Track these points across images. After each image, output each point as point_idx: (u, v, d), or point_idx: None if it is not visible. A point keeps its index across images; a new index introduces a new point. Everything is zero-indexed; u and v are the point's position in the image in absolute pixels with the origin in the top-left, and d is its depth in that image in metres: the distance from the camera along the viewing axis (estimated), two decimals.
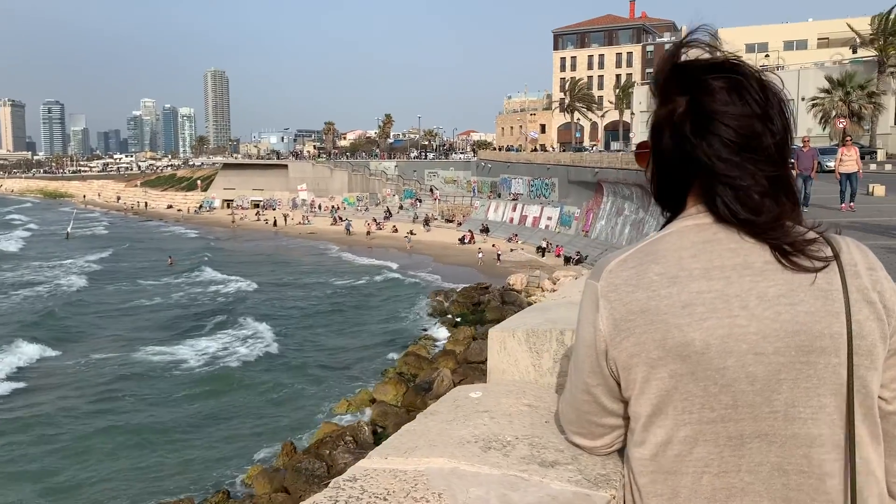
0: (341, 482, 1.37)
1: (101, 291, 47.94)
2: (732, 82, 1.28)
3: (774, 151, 1.28)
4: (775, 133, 1.28)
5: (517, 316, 2.34)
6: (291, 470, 17.25)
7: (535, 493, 1.31)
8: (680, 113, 1.32)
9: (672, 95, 1.33)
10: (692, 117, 1.30)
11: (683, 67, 1.33)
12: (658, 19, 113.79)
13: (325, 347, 32.49)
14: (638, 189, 49.14)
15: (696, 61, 1.33)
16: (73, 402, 25.58)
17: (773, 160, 1.27)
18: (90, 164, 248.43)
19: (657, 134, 1.37)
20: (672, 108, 1.33)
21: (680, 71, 1.33)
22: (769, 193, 1.27)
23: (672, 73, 1.34)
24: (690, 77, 1.32)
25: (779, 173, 1.28)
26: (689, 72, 1.32)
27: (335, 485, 1.36)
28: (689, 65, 1.33)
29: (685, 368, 1.24)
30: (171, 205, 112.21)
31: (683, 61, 1.34)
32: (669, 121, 1.34)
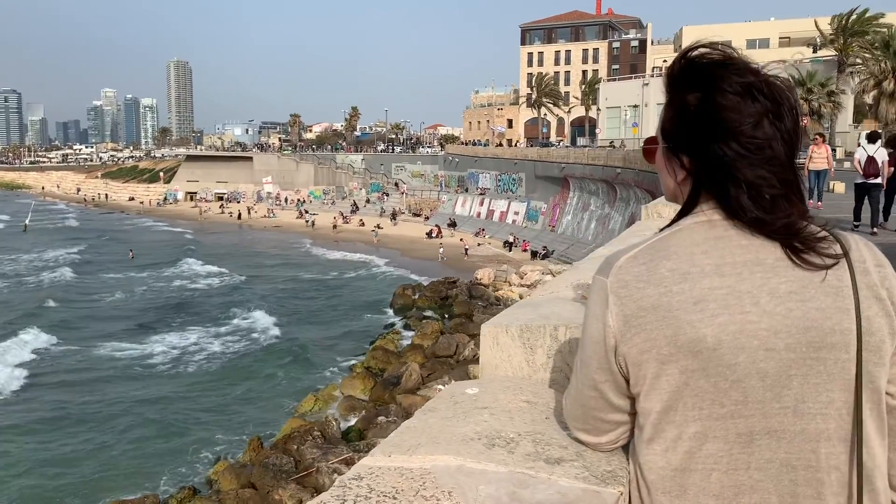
0: (347, 481, 1.35)
1: (76, 284, 46.98)
2: (745, 82, 1.29)
3: (785, 151, 1.28)
4: (785, 133, 1.28)
5: (509, 311, 2.33)
6: (259, 465, 17.09)
7: (544, 491, 1.30)
8: (692, 110, 1.32)
9: (684, 92, 1.33)
10: (704, 115, 1.30)
11: (697, 64, 1.33)
12: (624, 16, 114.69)
13: (291, 342, 32.22)
14: (604, 185, 49.60)
15: (710, 60, 1.33)
16: (33, 398, 25.04)
17: (783, 159, 1.28)
18: (49, 154, 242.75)
19: (669, 129, 1.37)
20: (684, 105, 1.33)
21: (693, 68, 1.33)
22: (780, 192, 1.27)
23: (685, 69, 1.34)
24: (703, 74, 1.32)
25: (789, 172, 1.29)
26: (702, 69, 1.32)
27: (341, 483, 1.34)
28: (703, 62, 1.33)
29: (696, 364, 1.25)
30: (133, 197, 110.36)
31: (697, 58, 1.34)
32: (681, 118, 1.34)
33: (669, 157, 1.40)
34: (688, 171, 1.36)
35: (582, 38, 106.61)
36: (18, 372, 28.00)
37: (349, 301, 40.22)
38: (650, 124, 67.56)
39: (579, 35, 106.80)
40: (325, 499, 1.28)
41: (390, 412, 20.64)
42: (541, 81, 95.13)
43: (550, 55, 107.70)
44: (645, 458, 1.32)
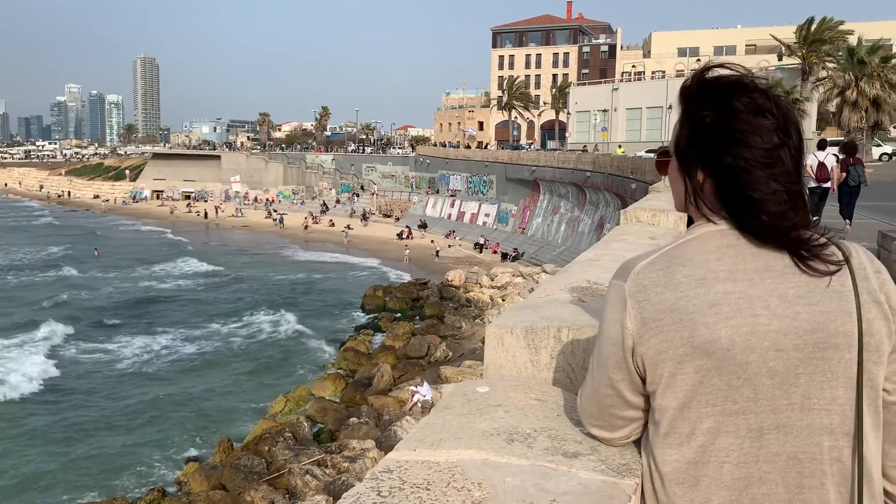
0: (378, 474, 1.42)
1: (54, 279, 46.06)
2: (756, 101, 1.38)
3: (792, 165, 1.38)
4: (793, 148, 1.39)
5: (511, 313, 2.41)
6: (229, 467, 16.97)
7: (567, 482, 1.38)
8: (706, 127, 1.41)
9: (699, 109, 1.43)
10: (718, 132, 1.39)
11: (712, 84, 1.43)
12: (594, 21, 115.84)
13: (261, 342, 32.03)
14: (573, 188, 50.07)
15: (722, 78, 1.43)
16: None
17: (790, 173, 1.38)
18: (10, 150, 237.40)
19: (683, 143, 1.47)
20: (699, 122, 1.43)
21: (708, 87, 1.43)
22: (788, 203, 1.37)
23: (701, 88, 1.44)
24: (717, 93, 1.41)
25: (797, 184, 1.39)
26: (716, 89, 1.42)
27: (373, 476, 1.41)
28: (716, 81, 1.43)
29: (711, 364, 1.34)
30: (98, 195, 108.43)
31: (711, 77, 1.44)
32: (695, 134, 1.44)
33: (682, 170, 1.49)
34: (700, 184, 1.45)
35: (553, 42, 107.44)
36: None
37: (319, 302, 40.04)
38: (619, 129, 68.41)
39: (550, 39, 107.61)
40: (360, 490, 1.35)
41: (362, 413, 20.63)
42: (512, 84, 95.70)
43: (521, 58, 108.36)
44: (660, 451, 1.41)
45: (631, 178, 35.47)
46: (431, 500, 1.31)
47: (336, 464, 16.36)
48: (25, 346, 30.75)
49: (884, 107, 43.72)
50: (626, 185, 36.32)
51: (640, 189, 30.69)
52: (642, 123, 67.05)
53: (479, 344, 27.61)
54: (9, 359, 29.01)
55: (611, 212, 42.55)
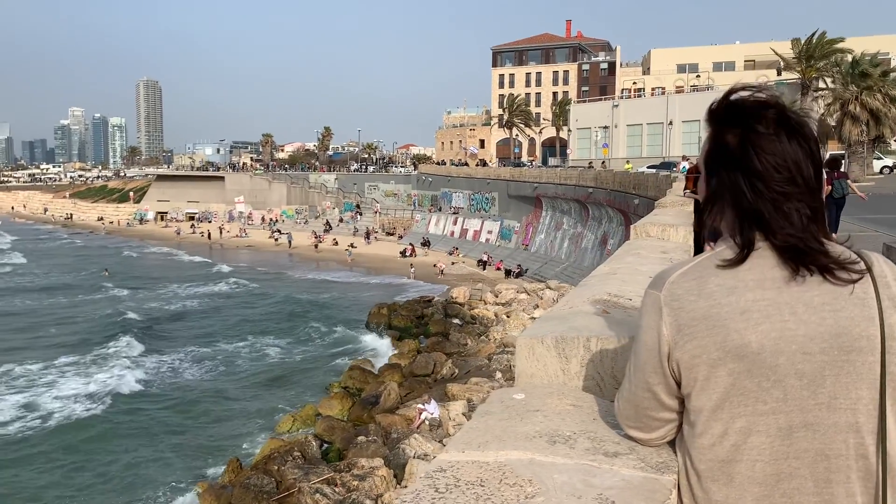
0: (433, 473, 1.52)
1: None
2: (779, 121, 1.49)
3: (814, 183, 1.49)
4: (815, 166, 1.50)
5: (539, 324, 2.51)
6: (239, 486, 16.96)
7: (610, 479, 1.48)
8: (732, 145, 1.52)
9: (725, 129, 1.54)
10: (743, 150, 1.50)
11: (737, 105, 1.54)
12: (593, 39, 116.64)
13: (267, 363, 32.06)
14: (576, 204, 50.24)
15: (746, 100, 1.54)
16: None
17: (812, 189, 1.49)
18: (15, 174, 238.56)
19: (710, 162, 1.58)
20: (725, 141, 1.54)
21: (734, 107, 1.54)
22: (809, 218, 1.48)
23: (727, 108, 1.55)
24: (740, 114, 1.52)
25: (817, 200, 1.50)
26: (741, 109, 1.53)
27: (428, 475, 1.51)
28: (742, 102, 1.54)
29: (742, 367, 1.44)
30: (102, 217, 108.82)
31: (736, 98, 1.55)
32: (721, 152, 1.55)
33: (710, 185, 1.60)
34: (727, 199, 1.56)
35: (552, 60, 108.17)
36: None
37: (324, 321, 40.09)
38: (620, 145, 68.70)
39: (550, 57, 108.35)
40: (418, 487, 1.45)
41: (370, 432, 20.62)
42: (512, 102, 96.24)
43: (521, 77, 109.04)
44: (695, 450, 1.51)
45: (634, 193, 35.62)
46: (487, 495, 1.41)
47: (345, 482, 16.35)
48: (45, 372, 30.78)
49: (884, 120, 43.93)
50: (629, 200, 36.46)
51: (644, 204, 30.82)
52: (643, 139, 67.35)
53: (485, 361, 27.62)
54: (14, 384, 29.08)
55: (614, 227, 42.68)
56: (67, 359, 32.28)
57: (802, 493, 1.43)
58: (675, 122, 63.14)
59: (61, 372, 30.48)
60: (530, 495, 1.40)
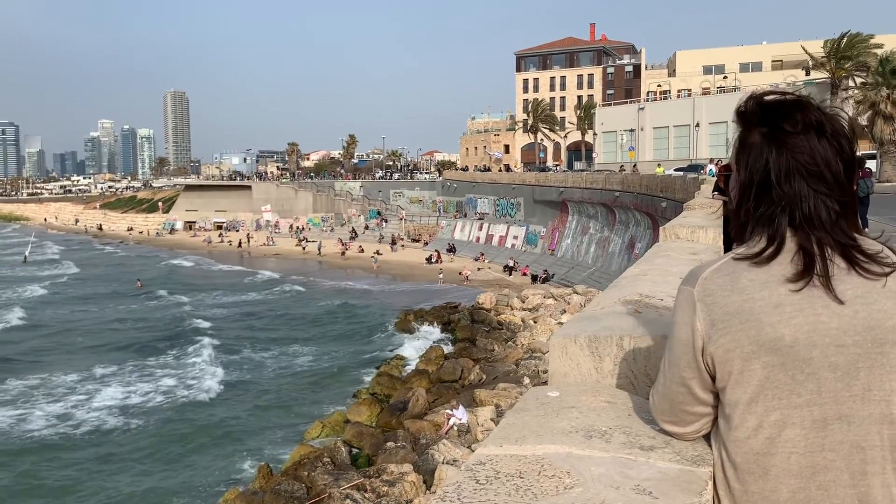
0: (472, 466, 1.56)
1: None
2: (806, 119, 1.52)
3: (843, 178, 1.51)
4: (844, 162, 1.52)
5: (571, 324, 2.55)
6: (270, 492, 17.12)
7: (647, 471, 1.51)
8: (761, 144, 1.55)
9: (753, 128, 1.57)
10: (771, 148, 1.53)
11: (763, 104, 1.57)
12: (618, 42, 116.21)
13: (296, 369, 32.30)
14: (602, 208, 50.01)
15: (774, 100, 1.57)
16: (48, 428, 25.03)
17: (841, 186, 1.51)
18: (46, 186, 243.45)
19: (740, 161, 1.61)
20: (753, 140, 1.57)
21: (762, 107, 1.57)
22: (839, 213, 1.50)
23: (755, 108, 1.58)
24: (768, 113, 1.56)
25: (847, 195, 1.52)
26: (767, 108, 1.56)
27: (468, 468, 1.55)
28: (768, 102, 1.57)
29: (776, 360, 1.47)
30: (132, 227, 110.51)
31: (765, 99, 1.58)
32: (751, 150, 1.58)
33: (740, 184, 1.63)
34: (757, 197, 1.59)
35: (576, 63, 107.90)
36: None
37: (352, 327, 40.35)
38: (646, 148, 68.30)
39: (574, 61, 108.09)
40: (460, 479, 1.49)
41: (398, 438, 20.68)
42: (537, 107, 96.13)
43: (546, 81, 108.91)
44: (731, 443, 1.53)
45: (661, 196, 35.40)
46: (527, 486, 1.45)
47: (375, 488, 16.43)
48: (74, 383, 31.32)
49: None
50: (657, 203, 36.24)
51: (671, 207, 30.61)
52: (670, 142, 66.90)
53: (513, 366, 27.57)
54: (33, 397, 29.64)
55: (641, 231, 42.40)
56: (104, 369, 32.76)
57: (838, 484, 1.45)
58: (702, 123, 62.63)
59: (100, 381, 30.97)
60: (569, 486, 1.44)
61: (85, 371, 32.24)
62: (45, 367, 33.03)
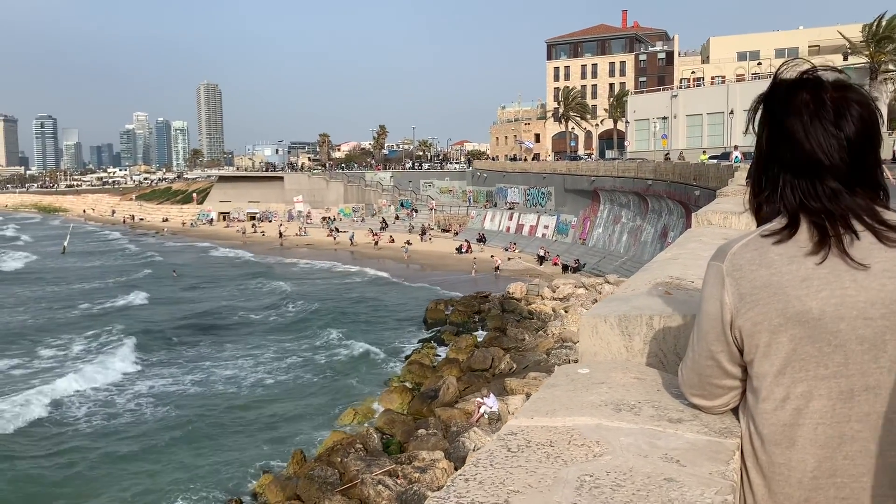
0: (504, 436, 1.61)
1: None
2: (823, 98, 1.53)
3: (844, 153, 1.51)
4: (849, 136, 1.51)
5: (602, 305, 2.58)
6: (304, 478, 17.39)
7: (675, 441, 1.55)
8: (772, 124, 1.58)
9: (773, 110, 1.59)
10: (791, 129, 1.56)
11: (775, 83, 1.60)
12: (650, 28, 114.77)
13: (327, 358, 32.64)
14: (635, 197, 49.60)
15: (785, 79, 1.58)
16: (87, 415, 25.68)
17: (842, 159, 1.51)
18: (83, 178, 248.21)
19: (761, 143, 1.63)
20: (773, 122, 1.59)
21: (773, 86, 1.60)
22: (839, 187, 1.52)
23: (770, 88, 1.60)
24: (779, 91, 1.58)
25: (870, 171, 1.53)
26: (778, 87, 1.59)
27: (500, 438, 1.60)
28: (780, 81, 1.59)
29: (803, 332, 1.49)
30: (167, 218, 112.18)
31: (777, 80, 1.60)
32: (771, 133, 1.60)
33: (761, 165, 1.66)
34: (779, 177, 1.61)
35: (608, 51, 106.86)
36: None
37: (382, 316, 40.65)
38: (679, 136, 67.46)
39: (605, 49, 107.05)
40: (491, 447, 1.54)
41: (429, 425, 20.85)
42: (568, 95, 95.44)
43: (577, 69, 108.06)
44: (758, 415, 1.56)
45: (694, 185, 35.02)
46: (556, 454, 1.50)
47: (407, 474, 16.60)
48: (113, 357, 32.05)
49: None
50: (690, 192, 35.86)
51: (705, 196, 30.27)
52: (703, 129, 66.00)
53: (544, 356, 27.56)
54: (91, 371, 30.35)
55: (674, 220, 41.99)
56: (152, 357, 33.45)
57: (866, 455, 1.47)
58: (735, 111, 61.64)
59: (146, 369, 31.64)
60: (598, 454, 1.49)
61: (135, 359, 32.99)
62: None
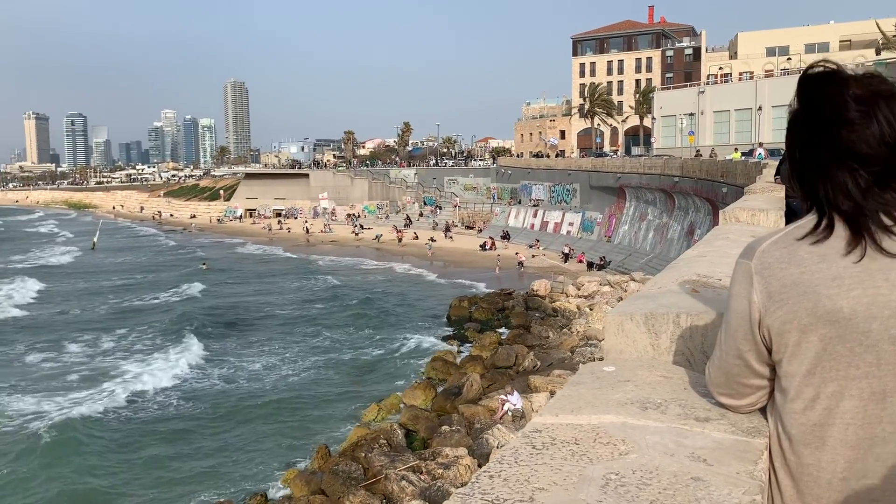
0: (528, 433, 1.61)
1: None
2: (853, 92, 1.48)
3: (879, 147, 1.45)
4: (883, 132, 1.45)
5: (628, 302, 2.56)
6: (328, 473, 17.51)
7: (702, 440, 1.54)
8: (798, 120, 1.55)
9: (803, 104, 1.56)
10: (805, 123, 1.53)
11: (802, 79, 1.56)
12: (677, 24, 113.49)
13: (351, 354, 32.81)
14: (661, 194, 49.14)
15: (811, 74, 1.54)
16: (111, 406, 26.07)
17: (879, 154, 1.45)
18: (113, 175, 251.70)
19: (792, 138, 1.60)
20: (803, 116, 1.56)
21: (801, 82, 1.56)
22: (870, 184, 1.46)
23: (798, 84, 1.57)
24: (805, 87, 1.54)
25: (883, 168, 1.47)
26: (804, 82, 1.55)
27: (525, 435, 1.60)
28: (806, 77, 1.55)
29: (834, 332, 1.47)
30: (195, 214, 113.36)
31: (808, 73, 1.56)
32: (802, 127, 1.57)
33: (794, 160, 1.63)
34: (811, 172, 1.57)
35: (634, 47, 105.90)
36: None
37: (406, 312, 40.74)
38: (706, 132, 66.69)
39: (632, 45, 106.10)
40: (516, 444, 1.54)
41: (453, 422, 20.88)
42: (593, 91, 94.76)
43: (603, 65, 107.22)
44: (787, 415, 1.54)
45: (722, 181, 34.61)
46: (582, 452, 1.49)
47: (430, 470, 16.64)
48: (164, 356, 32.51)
49: None
50: (717, 189, 35.44)
51: (732, 193, 29.89)
52: (731, 126, 65.19)
53: (568, 353, 27.46)
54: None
55: (701, 217, 41.55)
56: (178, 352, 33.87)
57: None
58: (764, 107, 60.81)
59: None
60: (624, 453, 1.48)
61: (166, 349, 33.44)
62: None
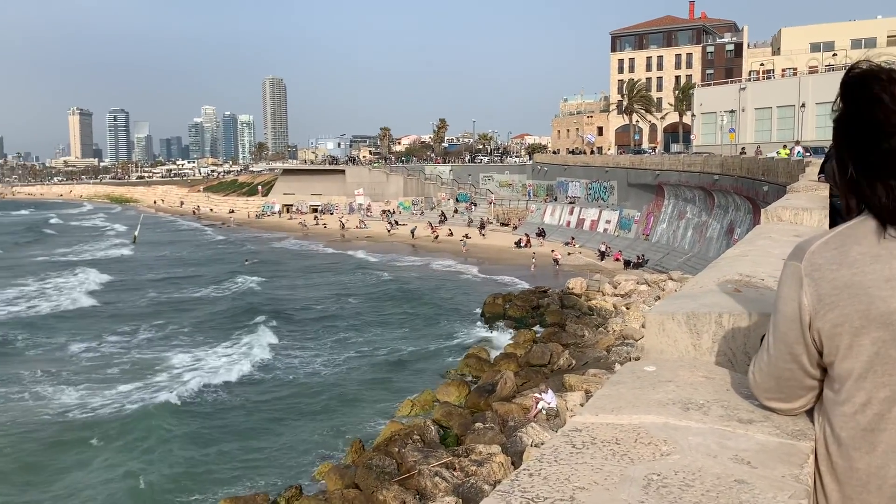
0: (568, 432, 1.60)
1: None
2: (874, 90, 1.45)
3: None
4: None
5: (668, 301, 2.53)
6: (362, 467, 17.61)
7: (745, 442, 1.51)
8: (846, 119, 1.52)
9: (849, 103, 1.52)
10: (853, 123, 1.50)
11: (848, 78, 1.52)
12: (718, 20, 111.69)
13: (386, 350, 32.97)
14: (700, 192, 48.44)
15: (857, 74, 1.50)
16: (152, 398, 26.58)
17: None
18: (153, 170, 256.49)
19: (839, 137, 1.57)
20: (850, 115, 1.52)
21: (847, 81, 1.52)
22: None
23: (844, 83, 1.53)
24: (852, 86, 1.50)
25: None
26: (851, 82, 1.51)
27: (564, 434, 1.59)
28: (852, 76, 1.51)
29: (887, 335, 1.43)
30: (233, 209, 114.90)
31: (853, 72, 1.52)
32: (850, 126, 1.53)
33: (839, 161, 1.59)
34: (861, 172, 1.54)
35: (674, 43, 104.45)
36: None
37: (441, 309, 40.79)
38: (748, 129, 65.60)
39: (671, 40, 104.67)
40: (556, 443, 1.53)
41: (487, 419, 20.85)
42: (632, 88, 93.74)
43: (642, 61, 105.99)
44: (837, 418, 1.51)
45: (763, 180, 34.00)
46: (622, 452, 1.47)
47: (464, 467, 16.65)
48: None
49: None
50: (758, 187, 34.84)
51: (773, 191, 29.37)
52: (773, 123, 63.99)
53: (604, 353, 27.22)
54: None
55: (741, 216, 40.89)
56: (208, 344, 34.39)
57: None
58: (807, 104, 59.57)
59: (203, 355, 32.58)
60: (665, 453, 1.46)
61: (193, 344, 34.00)
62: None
